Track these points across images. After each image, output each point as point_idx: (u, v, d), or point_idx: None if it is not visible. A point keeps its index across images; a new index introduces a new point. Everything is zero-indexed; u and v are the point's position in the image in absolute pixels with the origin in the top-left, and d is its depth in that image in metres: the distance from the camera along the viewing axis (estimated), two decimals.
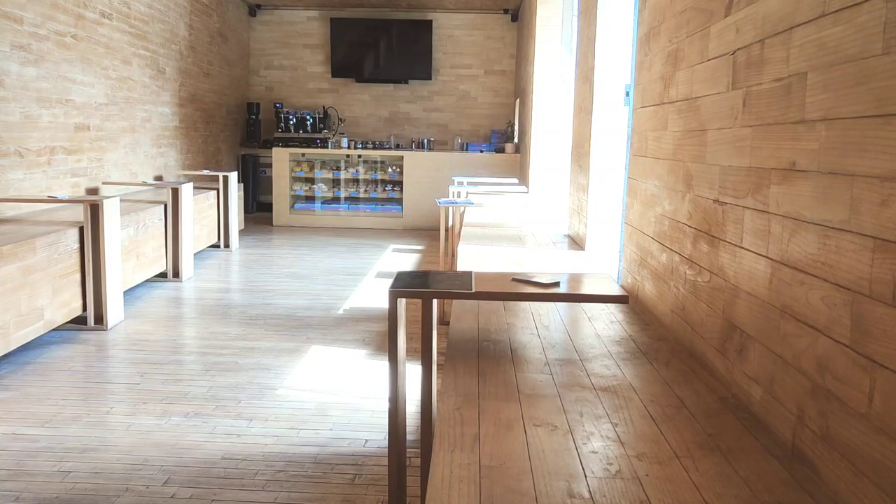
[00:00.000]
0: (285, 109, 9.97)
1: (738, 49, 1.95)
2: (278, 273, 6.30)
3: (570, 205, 4.94)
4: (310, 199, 9.74)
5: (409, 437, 2.85)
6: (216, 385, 3.52)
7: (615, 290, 2.27)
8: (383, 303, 5.11)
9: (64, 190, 5.45)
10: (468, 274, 2.31)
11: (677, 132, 2.49)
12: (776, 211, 1.70)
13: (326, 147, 9.60)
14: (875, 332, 1.29)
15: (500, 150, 9.58)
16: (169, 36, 7.54)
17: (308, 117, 9.79)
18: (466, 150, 9.78)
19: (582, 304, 2.88)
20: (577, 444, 1.59)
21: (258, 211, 10.18)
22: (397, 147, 9.94)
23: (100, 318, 4.43)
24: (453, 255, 4.70)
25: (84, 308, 4.38)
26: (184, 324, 4.72)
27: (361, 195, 9.75)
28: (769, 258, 1.73)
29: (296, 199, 9.71)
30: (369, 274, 6.27)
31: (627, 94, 3.69)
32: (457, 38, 10.27)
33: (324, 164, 9.76)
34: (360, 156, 9.68)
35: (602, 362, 2.18)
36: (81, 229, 4.32)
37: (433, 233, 8.87)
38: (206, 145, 8.80)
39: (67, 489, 2.51)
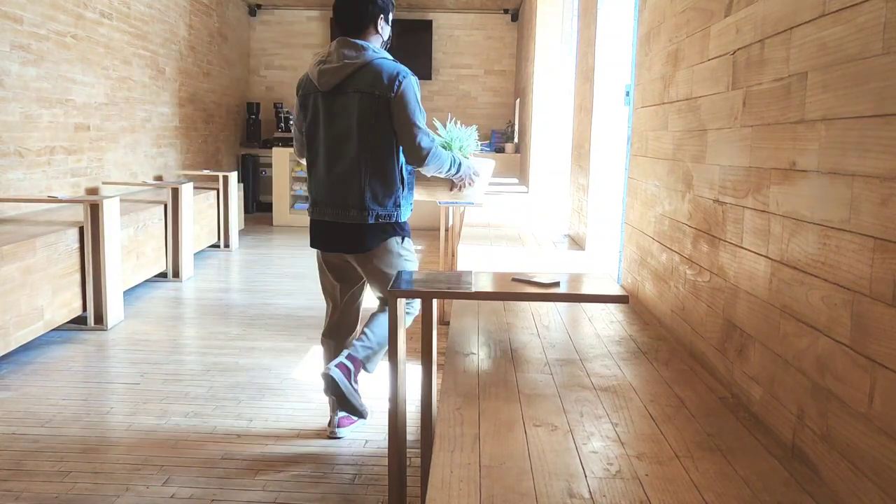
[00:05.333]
0: (285, 109, 9.96)
1: (738, 49, 1.95)
2: (278, 273, 6.30)
3: (570, 205, 4.94)
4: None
5: (409, 437, 2.85)
6: (216, 385, 3.52)
7: (615, 290, 2.27)
8: None
9: (64, 190, 5.45)
10: (468, 274, 2.31)
11: (677, 132, 2.49)
12: (776, 211, 1.70)
13: None
14: (875, 331, 1.29)
15: (500, 150, 9.57)
16: (169, 36, 7.54)
17: None
18: None
19: (582, 304, 2.88)
20: (577, 444, 1.59)
21: (258, 211, 10.18)
22: None
23: (100, 318, 4.43)
24: (453, 255, 4.70)
25: (84, 308, 4.38)
26: (184, 324, 4.72)
27: None
28: (769, 258, 1.73)
29: (296, 199, 9.71)
30: None
31: (627, 94, 3.69)
32: (457, 38, 10.27)
33: None
34: None
35: (602, 362, 2.18)
36: (81, 229, 4.32)
37: (433, 233, 8.87)
38: (206, 145, 8.80)
39: (67, 489, 2.51)
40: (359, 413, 2.71)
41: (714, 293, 2.11)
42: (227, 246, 7.40)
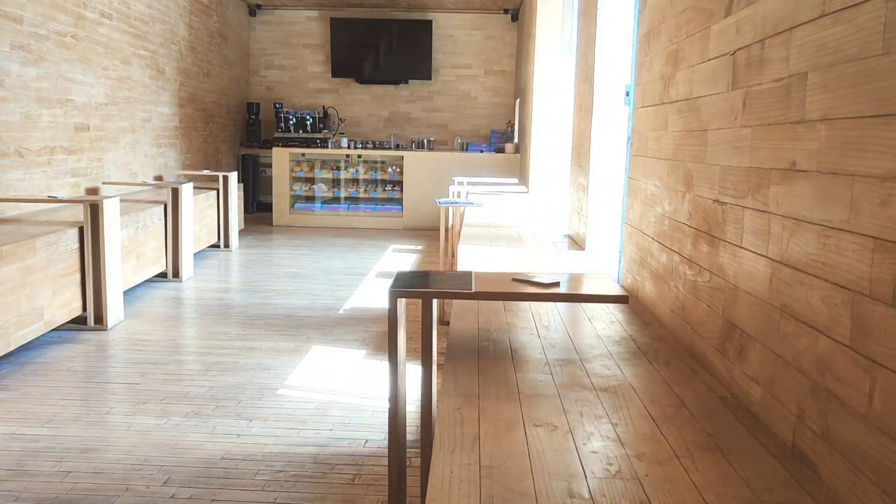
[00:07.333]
0: (285, 109, 9.97)
1: (739, 49, 1.95)
2: (278, 273, 6.30)
3: (570, 205, 4.94)
4: (310, 199, 9.74)
5: (409, 437, 2.85)
6: (216, 385, 3.52)
7: (615, 290, 2.27)
8: (383, 303, 5.11)
9: (64, 190, 5.45)
10: (468, 274, 2.31)
11: (677, 132, 2.49)
12: (776, 211, 1.70)
13: (326, 147, 9.60)
14: (875, 332, 1.29)
15: (500, 150, 9.58)
16: (169, 36, 7.54)
17: (308, 117, 9.79)
18: (466, 150, 9.78)
19: (582, 304, 2.88)
20: (577, 444, 1.59)
21: (258, 211, 10.18)
22: (397, 147, 9.94)
23: (100, 318, 4.43)
24: (453, 255, 4.69)
25: (84, 308, 4.38)
26: (184, 324, 4.72)
27: (361, 195, 9.75)
28: (769, 258, 1.73)
29: (296, 199, 9.71)
30: (369, 274, 6.27)
31: (627, 94, 3.69)
32: (457, 38, 10.27)
33: (324, 164, 9.76)
34: (360, 156, 9.69)
35: (602, 362, 2.18)
36: (81, 229, 4.32)
37: (433, 233, 8.87)
38: (206, 145, 8.80)
39: (67, 489, 2.51)
40: None
41: (714, 293, 2.11)
42: (227, 246, 7.40)
